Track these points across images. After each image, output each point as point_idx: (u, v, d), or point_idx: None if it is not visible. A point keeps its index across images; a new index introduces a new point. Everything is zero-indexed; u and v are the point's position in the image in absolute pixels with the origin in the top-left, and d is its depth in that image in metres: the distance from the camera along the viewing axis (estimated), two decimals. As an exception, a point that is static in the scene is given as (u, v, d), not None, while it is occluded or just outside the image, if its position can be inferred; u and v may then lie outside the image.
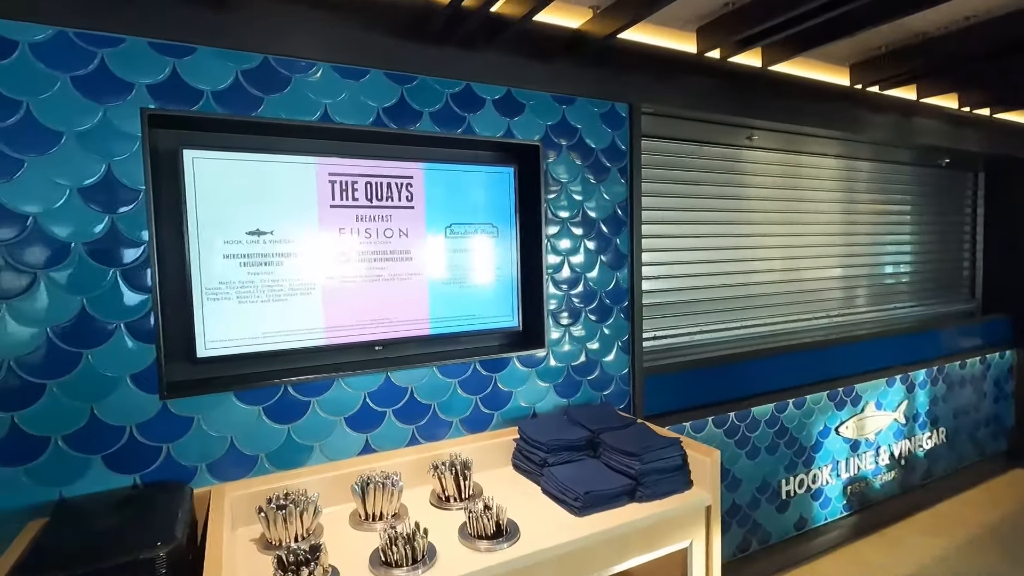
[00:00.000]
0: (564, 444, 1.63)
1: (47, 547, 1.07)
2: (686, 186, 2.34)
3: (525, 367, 1.85)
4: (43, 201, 1.23)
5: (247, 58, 1.41)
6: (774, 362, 2.59)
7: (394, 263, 1.66)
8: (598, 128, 1.95)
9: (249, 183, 1.46)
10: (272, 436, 1.49)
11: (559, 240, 1.89)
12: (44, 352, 1.24)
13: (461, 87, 1.70)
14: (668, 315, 2.34)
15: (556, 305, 1.90)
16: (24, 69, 1.21)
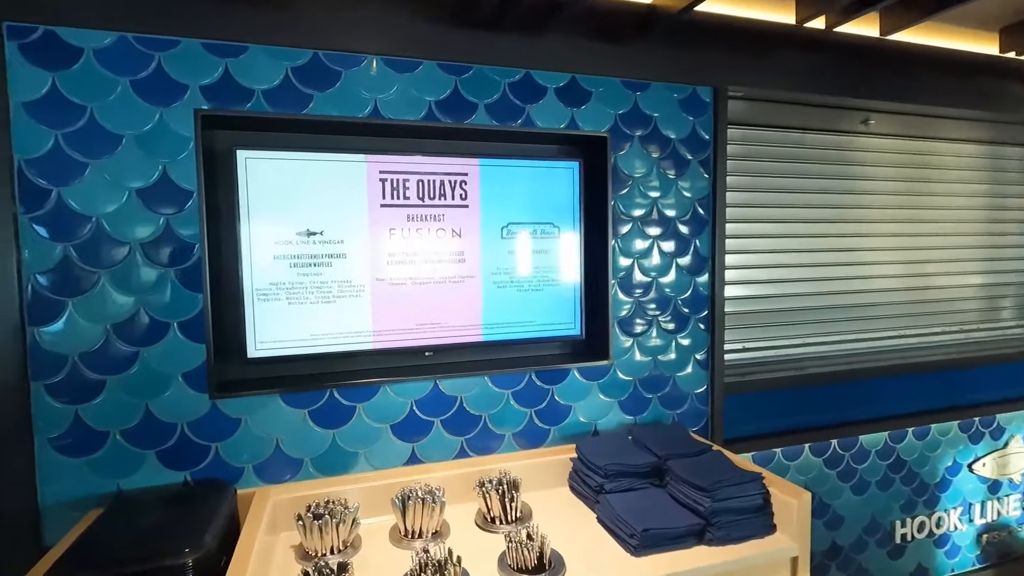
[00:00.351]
0: (625, 469, 1.45)
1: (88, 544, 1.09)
2: (782, 179, 2.04)
3: (586, 379, 1.70)
4: (105, 203, 1.27)
5: (297, 55, 1.38)
6: (890, 383, 2.23)
7: (446, 265, 1.57)
8: (676, 116, 1.74)
9: (300, 183, 1.43)
10: (317, 441, 1.46)
11: (629, 241, 1.72)
12: (104, 349, 1.29)
13: (520, 76, 1.57)
14: (757, 325, 2.06)
15: (623, 313, 1.73)
16: (88, 75, 1.25)
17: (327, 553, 1.28)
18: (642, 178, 1.72)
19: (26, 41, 1.21)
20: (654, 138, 1.72)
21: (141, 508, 1.24)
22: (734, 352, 2.00)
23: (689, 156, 1.76)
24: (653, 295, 1.76)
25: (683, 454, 1.52)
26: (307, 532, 1.27)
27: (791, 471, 2.01)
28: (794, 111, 2.02)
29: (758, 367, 2.07)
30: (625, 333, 1.73)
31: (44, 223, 1.23)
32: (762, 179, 2.01)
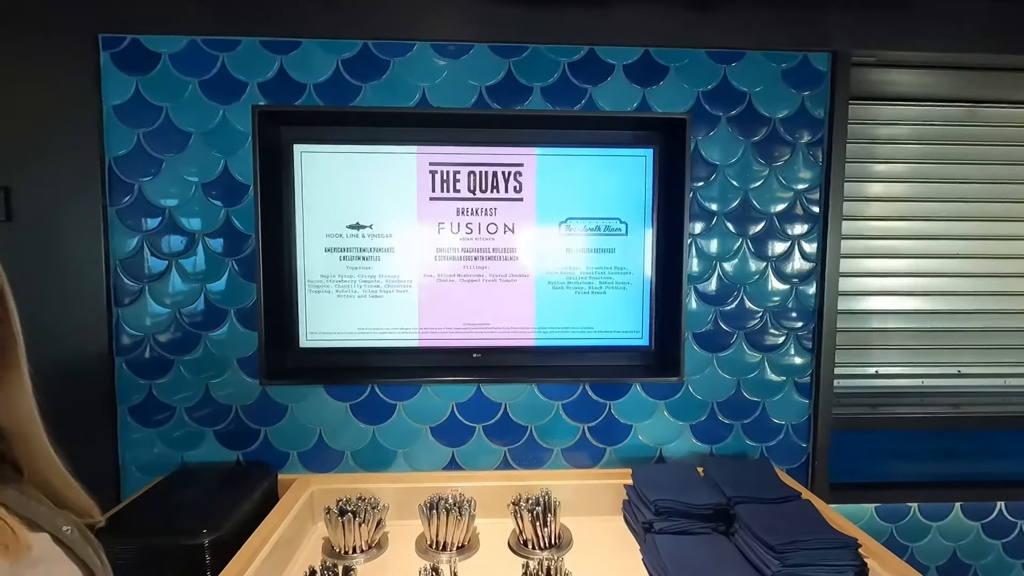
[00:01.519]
0: (681, 508, 1.24)
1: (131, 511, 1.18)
2: (931, 165, 1.61)
3: (652, 397, 1.49)
4: (177, 196, 1.38)
5: (347, 46, 1.37)
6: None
7: (497, 262, 1.47)
8: (779, 91, 1.45)
9: (351, 176, 1.43)
10: (358, 435, 1.45)
11: (708, 240, 1.47)
12: (173, 331, 1.40)
13: (582, 53, 1.41)
14: (896, 347, 1.66)
15: (702, 323, 1.49)
16: (165, 78, 1.35)
17: (351, 551, 1.26)
18: (731, 166, 1.46)
19: (116, 50, 1.34)
20: (748, 118, 1.45)
21: (194, 482, 1.33)
22: (859, 378, 1.63)
23: (791, 139, 1.46)
24: (740, 305, 1.49)
25: (759, 499, 1.25)
26: (333, 527, 1.27)
27: (933, 533, 1.60)
28: (953, 78, 1.58)
29: (893, 398, 1.67)
30: (703, 347, 1.49)
31: (125, 214, 1.37)
32: (895, 166, 1.60)
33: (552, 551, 1.26)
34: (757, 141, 1.46)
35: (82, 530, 0.68)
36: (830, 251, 1.47)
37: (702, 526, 1.23)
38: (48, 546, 0.63)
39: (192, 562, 1.07)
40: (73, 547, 0.65)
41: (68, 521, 0.66)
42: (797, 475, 1.50)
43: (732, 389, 1.50)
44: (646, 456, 1.50)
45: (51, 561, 0.62)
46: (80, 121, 1.34)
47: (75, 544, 0.65)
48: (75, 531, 0.66)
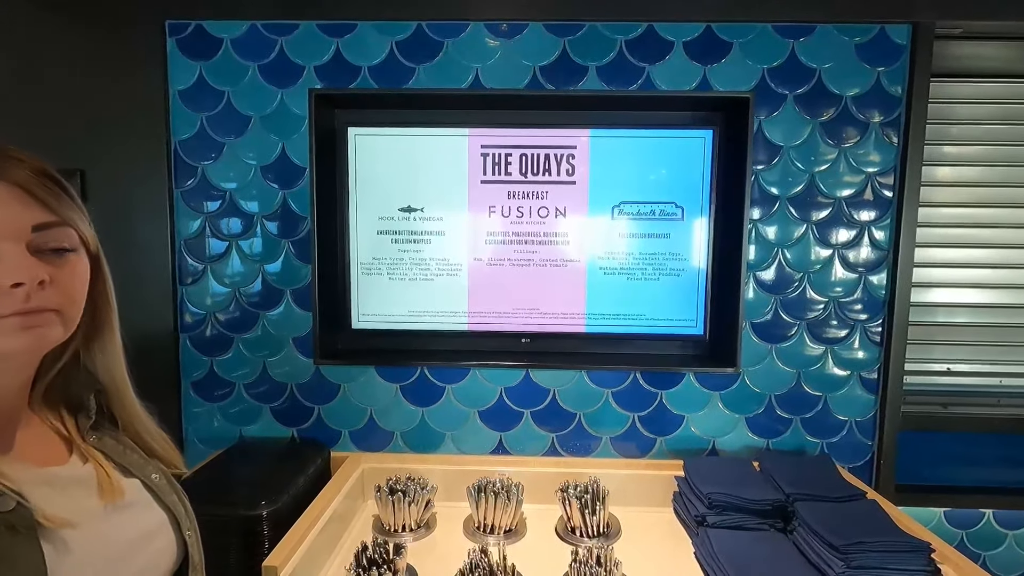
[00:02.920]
0: (736, 502, 1.20)
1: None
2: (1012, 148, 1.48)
3: (705, 388, 1.44)
4: (237, 179, 1.41)
5: (401, 28, 1.37)
6: None
7: (548, 247, 1.45)
8: (852, 66, 1.36)
9: (403, 159, 1.43)
10: (408, 416, 1.47)
11: (769, 226, 1.40)
12: (233, 310, 1.45)
13: (640, 30, 1.36)
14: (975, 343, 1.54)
15: (761, 312, 1.42)
16: (227, 63, 1.39)
17: (400, 530, 1.28)
18: (797, 148, 1.38)
19: (182, 36, 1.38)
20: (817, 97, 1.37)
21: (252, 456, 1.38)
22: (930, 375, 1.54)
23: (865, 118, 1.36)
24: (803, 294, 1.42)
25: (820, 496, 1.20)
26: (383, 505, 1.29)
27: (1009, 542, 1.49)
28: (1051, 50, 1.44)
29: (967, 397, 1.56)
30: (761, 337, 1.43)
31: (189, 196, 1.42)
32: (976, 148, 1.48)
33: (600, 540, 1.25)
34: (826, 121, 1.37)
35: (169, 479, 0.73)
36: (903, 239, 1.38)
37: (758, 522, 1.19)
38: (139, 491, 0.68)
39: (250, 532, 1.11)
40: (160, 494, 0.69)
41: (156, 469, 0.71)
42: (860, 474, 1.42)
43: (792, 382, 1.43)
44: (698, 448, 1.45)
45: (141, 505, 0.67)
46: (148, 106, 1.39)
47: (162, 491, 0.70)
48: (163, 479, 0.71)
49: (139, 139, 1.40)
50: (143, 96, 1.39)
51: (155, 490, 0.69)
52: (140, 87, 1.39)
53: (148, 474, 0.69)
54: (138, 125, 1.39)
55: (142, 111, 1.39)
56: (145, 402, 0.73)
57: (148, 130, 1.39)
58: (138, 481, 0.68)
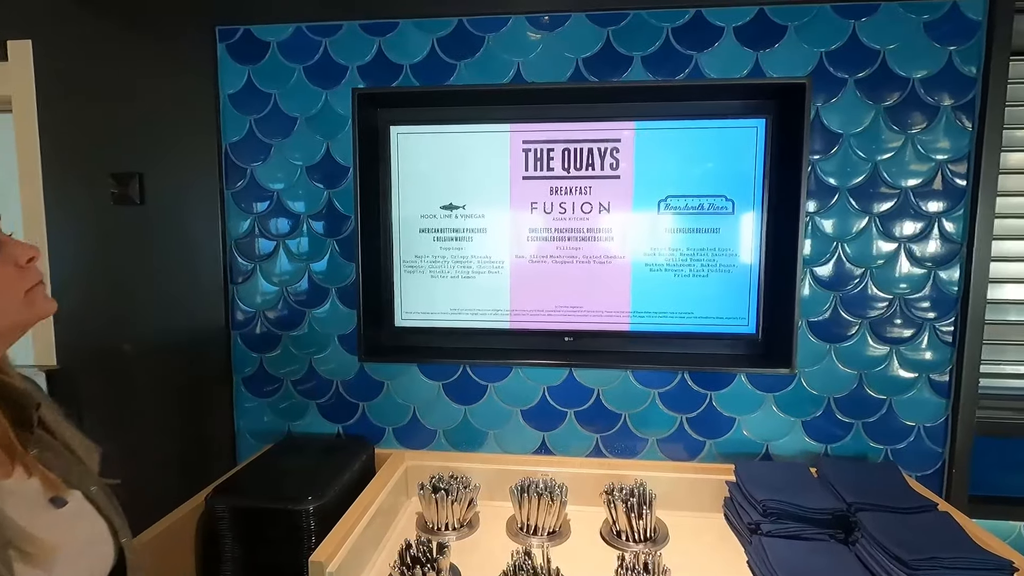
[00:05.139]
0: (792, 510, 1.13)
1: (244, 475, 1.27)
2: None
3: (759, 389, 1.38)
4: (284, 179, 1.44)
5: (442, 24, 1.36)
6: None
7: (591, 243, 1.41)
8: (920, 46, 1.27)
9: (445, 156, 1.42)
10: (450, 415, 1.47)
11: (827, 219, 1.32)
12: (282, 308, 1.48)
13: (687, 17, 1.31)
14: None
15: (819, 310, 1.35)
16: (273, 66, 1.41)
17: (443, 528, 1.28)
18: (857, 136, 1.30)
19: (231, 41, 1.42)
20: (881, 80, 1.28)
21: (299, 451, 1.40)
22: (1008, 378, 1.43)
23: (934, 101, 1.27)
24: (865, 290, 1.33)
25: (886, 506, 1.12)
26: (426, 503, 1.29)
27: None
28: None
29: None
30: (819, 336, 1.35)
31: (239, 197, 1.45)
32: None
33: (647, 545, 1.21)
34: (890, 106, 1.29)
35: (106, 490, 0.75)
36: (979, 231, 1.28)
37: (816, 532, 1.12)
38: (81, 501, 0.70)
39: (296, 526, 1.13)
40: (100, 504, 0.71)
41: (95, 481, 0.74)
42: (930, 483, 1.33)
43: (853, 384, 1.35)
44: (751, 452, 1.39)
45: (84, 516, 0.69)
46: (201, 110, 1.43)
47: (101, 502, 0.72)
48: (101, 491, 0.73)
49: (192, 142, 1.45)
50: (195, 100, 1.43)
51: (95, 501, 0.71)
52: (192, 92, 1.43)
53: (88, 486, 0.71)
54: (191, 129, 1.44)
55: (195, 115, 1.44)
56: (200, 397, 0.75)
57: (201, 134, 1.44)
58: (79, 493, 0.69)
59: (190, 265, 1.47)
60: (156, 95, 1.44)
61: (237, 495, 1.17)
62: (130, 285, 1.49)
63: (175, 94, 1.44)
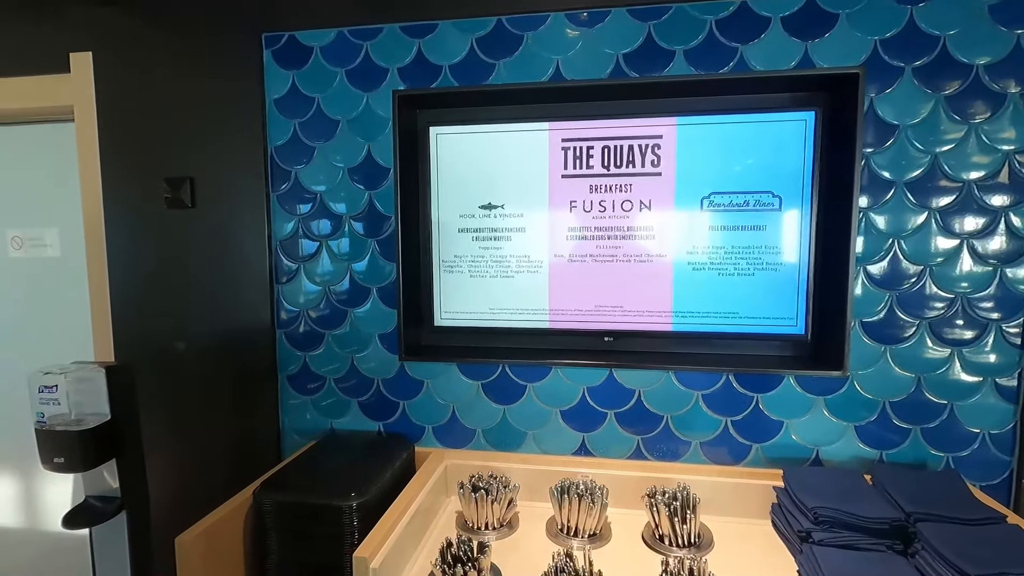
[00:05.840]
0: (846, 519, 1.09)
1: (288, 470, 1.29)
2: None
3: (808, 392, 1.33)
4: (326, 181, 1.47)
5: (481, 24, 1.36)
6: None
7: (632, 241, 1.39)
8: (983, 30, 1.20)
9: (484, 156, 1.43)
10: (489, 414, 1.47)
11: (887, 215, 1.26)
12: (324, 307, 1.51)
13: (732, 8, 1.27)
14: None
15: (873, 310, 1.29)
16: (316, 71, 1.44)
17: (483, 527, 1.28)
18: (915, 127, 1.24)
19: (277, 47, 1.46)
20: (940, 67, 1.21)
21: (342, 448, 1.43)
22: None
23: (1000, 88, 1.20)
24: (924, 289, 1.27)
25: (949, 518, 1.06)
26: (466, 502, 1.29)
27: None
28: None
29: None
30: (873, 338, 1.29)
31: (284, 199, 1.49)
32: None
33: (691, 550, 1.18)
34: (951, 95, 1.22)
35: None
36: (1051, 225, 1.20)
37: (872, 542, 1.07)
38: None
39: (339, 521, 1.14)
40: None
41: None
42: (996, 494, 1.25)
43: (911, 387, 1.28)
44: (800, 457, 1.34)
45: None
46: (247, 115, 1.48)
47: None
48: None
49: (240, 147, 1.49)
50: (243, 106, 1.48)
51: None
52: (240, 97, 1.48)
53: None
54: (239, 133, 1.49)
55: (242, 120, 1.48)
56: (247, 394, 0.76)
57: (248, 138, 1.48)
58: None
59: (237, 266, 1.52)
60: (206, 101, 1.50)
61: (283, 490, 1.20)
62: (182, 285, 1.55)
63: (224, 100, 1.49)
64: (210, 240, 1.53)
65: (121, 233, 1.56)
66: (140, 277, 1.57)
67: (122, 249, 1.57)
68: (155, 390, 1.57)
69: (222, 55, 1.48)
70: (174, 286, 1.55)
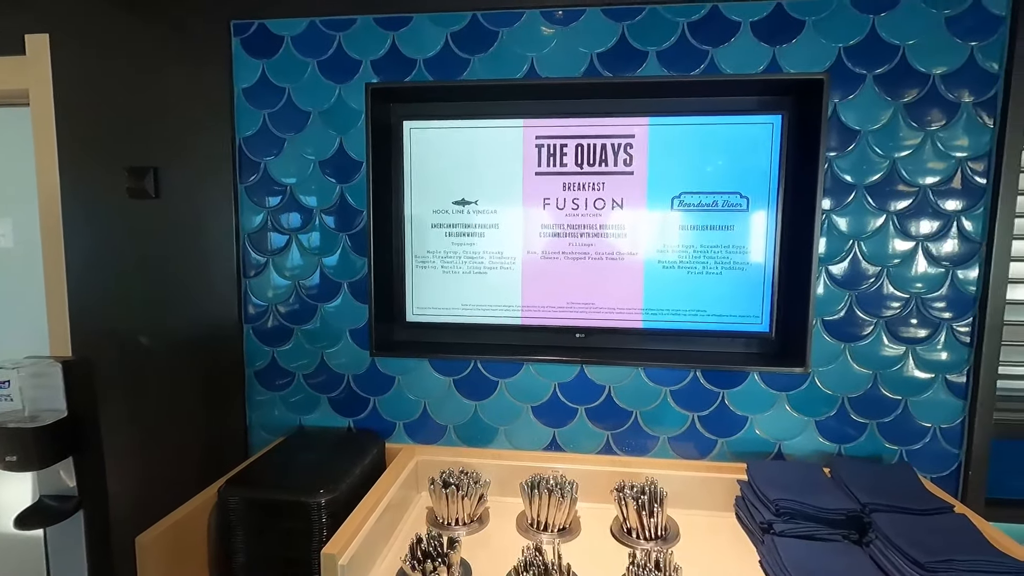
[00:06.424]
0: (806, 510, 1.12)
1: (256, 466, 1.27)
2: None
3: (771, 388, 1.37)
4: (296, 174, 1.44)
5: (456, 19, 1.36)
6: None
7: (604, 239, 1.41)
8: (941, 41, 1.25)
9: (458, 152, 1.42)
10: (461, 410, 1.47)
11: (848, 217, 1.31)
12: (293, 302, 1.48)
13: (703, 12, 1.29)
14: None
15: (833, 309, 1.33)
16: (287, 60, 1.42)
17: (453, 523, 1.28)
18: (876, 132, 1.28)
19: (246, 36, 1.42)
20: (900, 76, 1.26)
21: (311, 444, 1.41)
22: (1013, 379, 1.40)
23: (954, 98, 1.25)
24: (881, 289, 1.32)
25: (902, 508, 1.11)
26: (437, 498, 1.29)
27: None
28: None
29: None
30: (834, 336, 1.34)
31: (252, 191, 1.46)
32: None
33: (658, 543, 1.21)
34: (909, 102, 1.27)
35: None
36: (999, 230, 1.26)
37: (830, 532, 1.11)
38: None
39: (308, 518, 1.13)
40: None
41: None
42: (946, 485, 1.31)
43: (868, 384, 1.33)
44: (763, 451, 1.38)
45: None
46: (215, 104, 1.44)
47: None
48: None
49: (207, 137, 1.45)
50: (210, 95, 1.44)
51: None
52: (207, 86, 1.44)
53: None
54: (206, 123, 1.45)
55: (210, 109, 1.44)
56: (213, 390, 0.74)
57: (215, 128, 1.44)
58: None
59: (204, 259, 1.48)
60: (171, 89, 1.45)
61: (249, 487, 1.18)
62: (145, 278, 1.51)
63: (190, 88, 1.45)
64: (175, 232, 1.49)
65: (80, 224, 1.51)
66: (100, 269, 1.51)
67: (81, 240, 1.51)
68: (116, 386, 1.52)
69: (189, 41, 1.44)
70: (137, 279, 1.51)
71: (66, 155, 1.49)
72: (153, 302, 1.51)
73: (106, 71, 1.46)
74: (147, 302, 1.51)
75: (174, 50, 1.44)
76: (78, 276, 1.51)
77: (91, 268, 1.51)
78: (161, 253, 1.50)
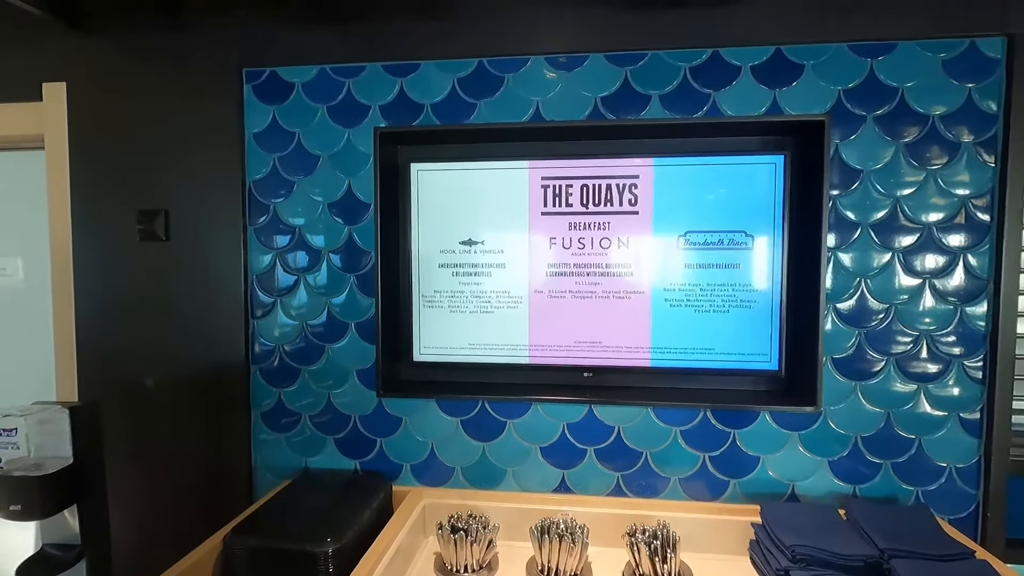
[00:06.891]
0: (823, 556, 1.10)
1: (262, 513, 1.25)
2: None
3: (783, 428, 1.35)
4: (305, 215, 1.46)
5: (463, 65, 1.39)
6: None
7: (611, 278, 1.41)
8: (939, 83, 1.27)
9: (464, 193, 1.44)
10: (468, 451, 1.45)
11: (847, 253, 1.31)
12: (300, 341, 1.48)
13: (704, 57, 1.33)
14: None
15: (843, 347, 1.33)
16: (298, 106, 1.45)
17: (462, 569, 1.25)
18: (878, 171, 1.30)
19: (258, 83, 1.46)
20: (900, 117, 1.28)
21: (317, 487, 1.39)
22: (1038, 414, 1.39)
23: (954, 137, 1.27)
24: (890, 327, 1.31)
25: (921, 554, 1.08)
26: (445, 544, 1.27)
27: None
28: None
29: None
30: (844, 374, 1.33)
31: (261, 233, 1.48)
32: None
33: (671, 590, 1.18)
34: (910, 142, 1.29)
35: None
36: (1006, 265, 1.26)
37: (849, 579, 1.09)
38: None
39: (315, 568, 1.11)
40: None
41: None
42: (964, 527, 1.29)
43: (880, 422, 1.32)
44: (776, 492, 1.36)
45: None
46: (226, 148, 1.47)
47: None
48: None
49: (217, 180, 1.48)
50: (221, 139, 1.47)
51: None
52: (219, 131, 1.47)
53: None
54: (217, 167, 1.47)
55: (220, 153, 1.47)
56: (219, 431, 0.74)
57: (226, 171, 1.47)
58: None
59: (212, 300, 1.49)
60: (183, 134, 1.48)
61: (255, 535, 1.16)
62: (154, 320, 1.51)
63: (202, 133, 1.48)
64: (184, 273, 1.50)
65: (90, 265, 1.52)
66: (109, 311, 1.52)
67: (91, 281, 1.52)
68: (121, 428, 1.51)
69: (202, 89, 1.47)
70: (145, 320, 1.51)
71: (79, 197, 1.52)
72: (161, 344, 1.51)
73: (120, 116, 1.50)
74: (155, 343, 1.51)
75: (187, 97, 1.48)
76: (86, 318, 1.52)
77: (99, 310, 1.52)
78: (170, 294, 1.50)
